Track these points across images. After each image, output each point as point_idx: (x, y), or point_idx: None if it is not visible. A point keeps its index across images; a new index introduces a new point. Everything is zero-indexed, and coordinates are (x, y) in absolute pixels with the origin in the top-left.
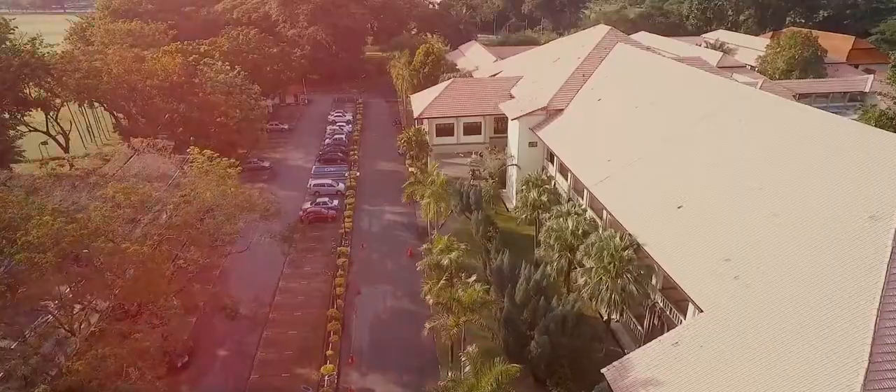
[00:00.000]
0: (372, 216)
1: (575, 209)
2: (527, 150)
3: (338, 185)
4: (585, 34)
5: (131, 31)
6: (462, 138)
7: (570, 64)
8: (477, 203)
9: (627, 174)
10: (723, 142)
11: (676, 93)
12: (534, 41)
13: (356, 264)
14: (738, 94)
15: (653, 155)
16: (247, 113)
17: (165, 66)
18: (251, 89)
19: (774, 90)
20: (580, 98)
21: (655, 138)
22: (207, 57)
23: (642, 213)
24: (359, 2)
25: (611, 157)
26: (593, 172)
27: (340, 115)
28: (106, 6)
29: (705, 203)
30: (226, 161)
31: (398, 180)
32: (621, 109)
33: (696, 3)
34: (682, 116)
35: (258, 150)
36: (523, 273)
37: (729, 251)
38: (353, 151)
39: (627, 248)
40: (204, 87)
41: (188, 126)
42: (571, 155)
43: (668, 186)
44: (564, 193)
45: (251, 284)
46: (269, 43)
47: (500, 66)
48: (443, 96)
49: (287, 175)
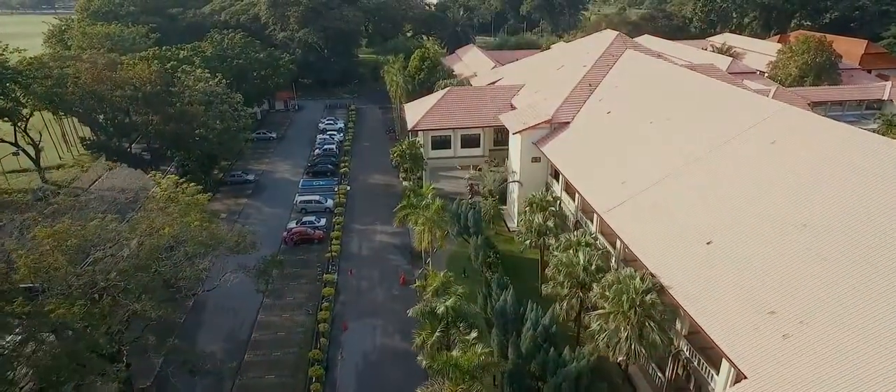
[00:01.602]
0: (362, 237)
1: (585, 238)
2: (529, 165)
3: (326, 202)
4: (591, 40)
5: (110, 34)
6: (459, 151)
7: (575, 72)
8: (476, 226)
9: (645, 201)
10: (755, 167)
11: (696, 107)
12: (533, 44)
13: (344, 293)
14: (768, 110)
15: (673, 180)
16: (229, 124)
17: (140, 74)
18: (233, 98)
19: (788, 97)
20: (587, 110)
21: (675, 160)
22: (187, 63)
23: (665, 248)
24: (352, 3)
25: (625, 180)
26: (605, 197)
27: (332, 123)
28: (85, 8)
29: (739, 240)
30: (193, 187)
31: (391, 195)
32: (634, 125)
33: (699, 6)
34: (705, 135)
35: (243, 162)
36: (530, 316)
37: (773, 301)
38: (344, 163)
39: (650, 292)
40: (182, 96)
41: (164, 139)
42: (580, 175)
43: (694, 218)
44: (571, 215)
45: (226, 320)
46: (256, 47)
47: (500, 72)
48: (438, 106)
49: (273, 189)
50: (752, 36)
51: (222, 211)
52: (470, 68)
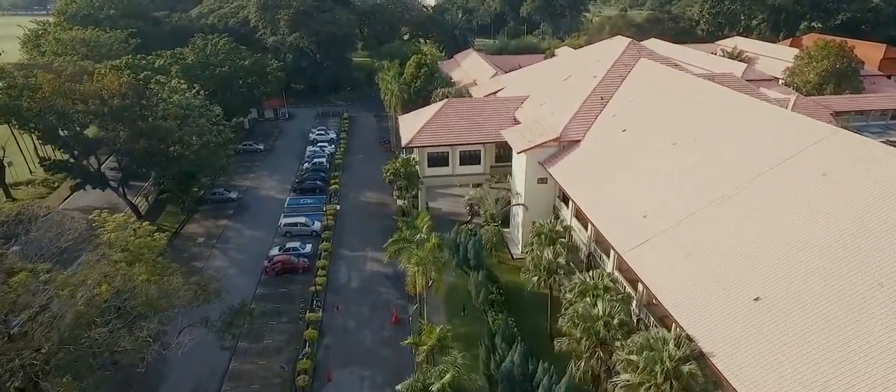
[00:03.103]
0: (351, 265)
1: (603, 281)
2: (535, 186)
3: (312, 225)
4: (601, 47)
5: (85, 40)
6: (458, 169)
7: (585, 83)
8: (477, 258)
9: (672, 240)
10: (805, 204)
11: (726, 126)
12: (534, 47)
13: (328, 335)
14: (817, 133)
15: (705, 215)
16: (208, 139)
17: (108, 85)
18: (211, 112)
19: (809, 107)
20: (600, 127)
21: (706, 191)
22: (162, 73)
23: (701, 301)
24: (345, 6)
25: (647, 212)
26: (625, 232)
27: (323, 134)
28: (62, 11)
29: (796, 299)
30: (146, 227)
31: (385, 216)
32: (654, 145)
33: (707, 8)
34: (740, 162)
35: (227, 177)
36: (542, 383)
37: (847, 386)
38: (335, 179)
39: (688, 361)
40: (155, 109)
41: (134, 158)
42: (595, 204)
43: (734, 265)
44: (584, 246)
45: (193, 368)
46: (241, 53)
47: (501, 81)
48: (435, 120)
49: (257, 208)
50: (761, 39)
51: (199, 234)
52: (469, 75)
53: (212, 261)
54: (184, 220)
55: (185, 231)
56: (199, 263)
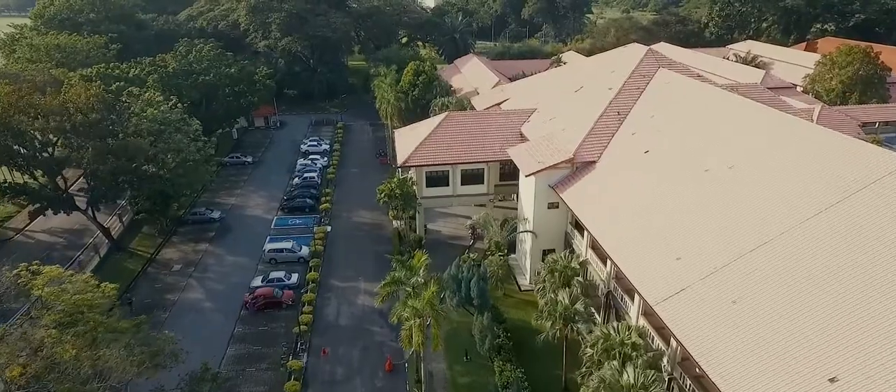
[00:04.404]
0: (341, 298)
1: (631, 338)
2: (545, 212)
3: (300, 250)
4: (615, 55)
5: (61, 46)
6: (459, 188)
7: (599, 96)
8: (482, 299)
9: (714, 291)
10: (884, 255)
11: (766, 150)
12: (537, 51)
13: (313, 385)
14: (887, 164)
15: (753, 261)
16: (186, 156)
17: (73, 98)
18: (189, 127)
19: (835, 118)
20: (618, 147)
21: (752, 230)
22: (137, 83)
23: (757, 375)
24: (340, 9)
25: (680, 254)
26: (655, 278)
27: (316, 145)
28: (40, 15)
29: (881, 382)
30: (87, 280)
31: (379, 239)
32: (683, 171)
33: (716, 10)
34: (789, 198)
35: (211, 194)
36: None
37: None
38: (326, 196)
39: None
40: (126, 125)
41: (99, 180)
42: (615, 239)
43: (796, 329)
44: (602, 283)
45: None
46: (227, 60)
47: (506, 91)
48: (434, 136)
49: (240, 230)
50: (772, 42)
51: (176, 260)
52: (470, 83)
53: (187, 292)
54: (160, 243)
55: (161, 256)
56: (172, 296)
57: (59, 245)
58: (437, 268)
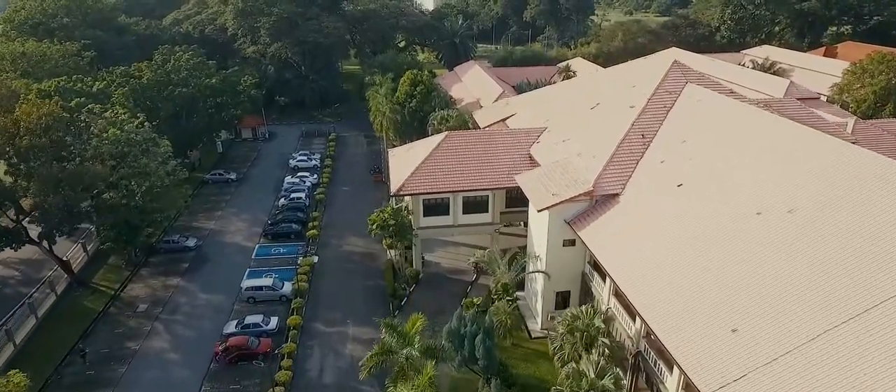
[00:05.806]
0: (326, 347)
1: None
2: (560, 250)
3: (281, 287)
4: (635, 67)
5: (26, 53)
6: (460, 218)
7: (619, 115)
8: (488, 360)
9: (790, 377)
10: None
11: (832, 190)
12: (541, 56)
13: None
14: None
15: (842, 339)
16: (154, 181)
17: (23, 117)
18: (158, 148)
19: (870, 133)
20: (644, 176)
21: (834, 298)
22: (99, 99)
23: None
24: (333, 12)
25: (736, 324)
26: (703, 353)
27: (305, 160)
28: (9, 19)
29: None
30: None
31: (372, 272)
32: (728, 213)
33: (729, 13)
34: (877, 256)
35: (189, 218)
36: None
37: None
38: (314, 220)
39: None
40: (84, 148)
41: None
42: (646, 293)
43: None
44: (631, 343)
45: None
46: (209, 69)
47: (511, 105)
48: (433, 159)
49: (218, 260)
50: (785, 46)
51: (143, 298)
52: (472, 93)
53: (151, 339)
54: (127, 277)
55: (126, 293)
56: (133, 344)
57: (12, 280)
58: (434, 309)
